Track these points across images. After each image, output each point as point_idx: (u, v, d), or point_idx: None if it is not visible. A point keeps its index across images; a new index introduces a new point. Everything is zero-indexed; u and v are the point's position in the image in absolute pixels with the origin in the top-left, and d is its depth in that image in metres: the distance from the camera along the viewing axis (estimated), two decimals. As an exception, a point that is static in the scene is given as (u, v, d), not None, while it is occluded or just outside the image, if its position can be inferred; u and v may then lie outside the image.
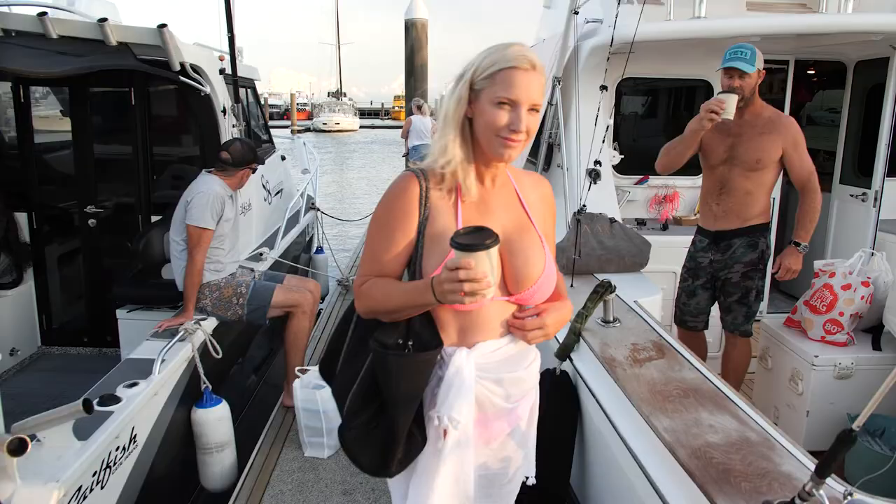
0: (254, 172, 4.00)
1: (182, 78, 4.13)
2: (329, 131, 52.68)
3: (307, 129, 55.06)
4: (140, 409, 2.93)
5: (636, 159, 4.83)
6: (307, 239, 6.41)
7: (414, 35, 12.03)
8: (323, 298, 6.11)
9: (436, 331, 1.61)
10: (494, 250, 1.39)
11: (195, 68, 4.19)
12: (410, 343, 1.57)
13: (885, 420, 3.23)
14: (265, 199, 5.26)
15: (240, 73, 4.85)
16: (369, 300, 1.61)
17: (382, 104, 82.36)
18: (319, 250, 7.15)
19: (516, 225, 1.67)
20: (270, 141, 6.29)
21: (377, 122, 65.61)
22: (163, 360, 3.20)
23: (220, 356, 3.54)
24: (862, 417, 1.34)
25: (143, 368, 3.15)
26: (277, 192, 5.71)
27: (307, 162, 7.14)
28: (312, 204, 6.78)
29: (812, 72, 6.14)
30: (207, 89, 4.29)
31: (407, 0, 12.14)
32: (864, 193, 4.67)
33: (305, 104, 70.13)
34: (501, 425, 1.71)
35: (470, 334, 1.62)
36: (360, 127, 56.23)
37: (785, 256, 3.42)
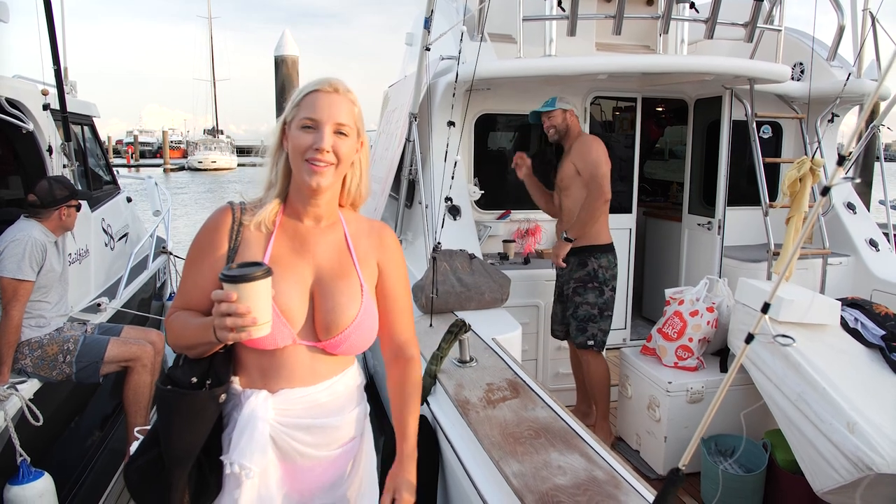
0: (78, 210, 3.61)
1: None
2: (205, 170, 50.77)
3: (182, 168, 52.78)
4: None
5: (498, 194, 4.88)
6: (158, 285, 5.93)
7: (284, 71, 11.79)
8: None
9: (227, 370, 1.50)
10: (262, 284, 1.28)
11: (13, 103, 3.76)
12: (208, 382, 1.46)
13: (733, 439, 3.36)
14: (106, 245, 4.81)
15: (73, 109, 4.44)
16: (170, 334, 1.53)
17: (262, 141, 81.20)
18: (173, 296, 6.61)
19: (335, 268, 1.57)
20: (114, 182, 5.81)
21: (257, 159, 63.99)
22: None
23: (40, 423, 3.11)
24: (686, 456, 1.31)
25: None
26: (122, 237, 5.24)
27: (159, 203, 6.69)
28: (164, 248, 6.32)
29: (660, 109, 6.57)
30: (30, 126, 3.87)
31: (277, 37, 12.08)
32: (709, 222, 4.97)
33: (180, 142, 67.47)
34: (317, 478, 1.58)
35: (273, 379, 1.52)
36: (239, 165, 54.51)
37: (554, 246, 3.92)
